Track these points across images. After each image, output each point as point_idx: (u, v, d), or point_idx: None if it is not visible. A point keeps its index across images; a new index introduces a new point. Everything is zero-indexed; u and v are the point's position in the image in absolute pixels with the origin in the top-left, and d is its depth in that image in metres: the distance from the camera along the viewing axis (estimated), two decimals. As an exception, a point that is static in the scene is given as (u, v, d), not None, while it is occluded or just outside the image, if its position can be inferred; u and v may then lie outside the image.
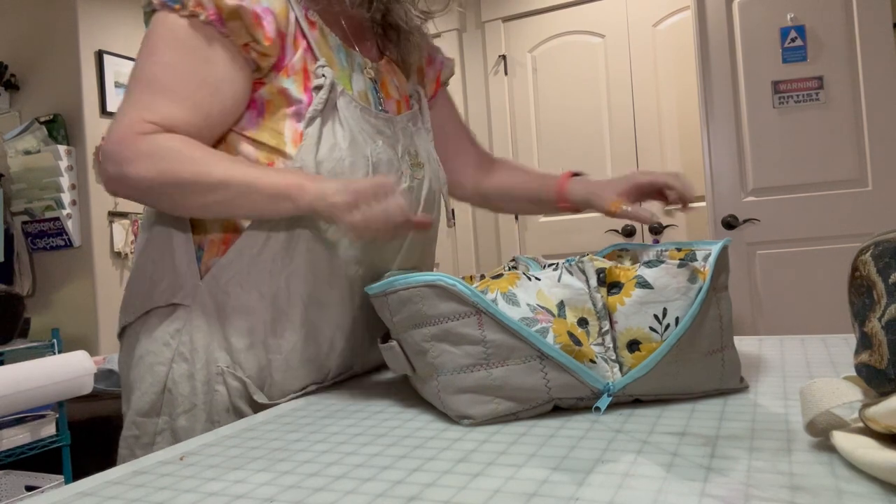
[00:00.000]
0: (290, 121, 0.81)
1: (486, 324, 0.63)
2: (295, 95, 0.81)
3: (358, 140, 0.83)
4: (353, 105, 0.85)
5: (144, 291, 0.84)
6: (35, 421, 2.31)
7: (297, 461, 0.57)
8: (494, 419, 0.64)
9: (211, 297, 0.81)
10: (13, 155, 3.00)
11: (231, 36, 0.77)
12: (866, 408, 0.46)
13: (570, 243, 3.19)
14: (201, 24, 0.76)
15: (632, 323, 0.64)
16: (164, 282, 0.82)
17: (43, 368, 2.10)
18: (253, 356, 0.81)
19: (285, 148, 0.80)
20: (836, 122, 2.41)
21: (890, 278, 0.47)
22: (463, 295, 0.64)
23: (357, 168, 0.82)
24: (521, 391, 0.63)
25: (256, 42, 0.78)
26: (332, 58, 0.86)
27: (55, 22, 3.01)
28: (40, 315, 3.01)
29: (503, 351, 0.63)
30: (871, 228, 2.35)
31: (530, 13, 3.30)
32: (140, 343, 0.83)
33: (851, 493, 0.42)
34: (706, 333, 0.66)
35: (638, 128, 3.11)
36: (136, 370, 0.83)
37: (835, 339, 0.89)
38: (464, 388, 0.65)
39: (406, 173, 0.90)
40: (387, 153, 0.87)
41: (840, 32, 2.41)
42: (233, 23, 0.77)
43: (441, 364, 0.66)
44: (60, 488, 0.55)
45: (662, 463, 0.50)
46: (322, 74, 0.82)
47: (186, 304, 0.81)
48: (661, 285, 0.64)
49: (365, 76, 0.91)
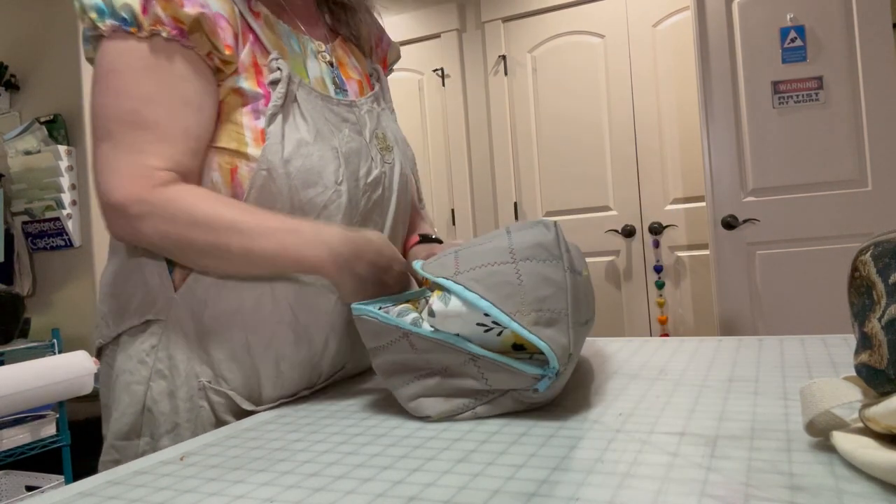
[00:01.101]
0: (248, 119, 0.77)
1: (414, 341, 0.67)
2: (249, 93, 0.77)
3: (323, 132, 0.80)
4: (313, 95, 0.82)
5: (116, 310, 0.81)
6: (35, 421, 2.31)
7: (297, 461, 0.57)
8: (454, 415, 0.67)
9: (187, 310, 0.77)
10: (13, 155, 3.00)
11: (195, 47, 0.74)
12: (866, 408, 0.46)
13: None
14: (163, 41, 0.72)
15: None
16: (136, 298, 0.79)
17: (43, 368, 2.10)
18: (237, 367, 0.78)
19: (247, 149, 0.76)
20: (836, 122, 2.41)
21: (890, 278, 0.47)
22: (386, 322, 0.68)
23: (327, 161, 0.79)
24: (464, 391, 0.66)
25: (217, 51, 0.75)
26: (282, 47, 0.83)
27: (55, 22, 3.01)
28: (40, 315, 3.01)
29: (440, 359, 0.66)
30: (870, 228, 2.35)
31: (530, 13, 3.30)
32: (116, 362, 0.80)
33: (851, 493, 0.42)
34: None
35: (638, 128, 3.11)
36: (113, 391, 0.80)
37: (835, 339, 0.89)
38: (415, 394, 0.68)
39: (376, 159, 0.87)
40: (355, 141, 0.84)
41: (840, 33, 2.41)
42: (195, 35, 0.73)
43: (393, 384, 0.70)
44: (60, 488, 0.55)
45: (662, 463, 0.50)
46: (277, 68, 0.79)
47: (161, 319, 0.78)
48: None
49: (320, 60, 0.87)
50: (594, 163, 3.18)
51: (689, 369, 0.78)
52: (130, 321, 0.79)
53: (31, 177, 2.96)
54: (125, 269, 0.81)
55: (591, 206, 3.19)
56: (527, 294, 0.63)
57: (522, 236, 0.67)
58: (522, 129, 3.32)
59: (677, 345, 0.93)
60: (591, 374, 0.80)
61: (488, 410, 0.67)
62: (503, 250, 0.66)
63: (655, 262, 3.07)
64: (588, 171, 3.19)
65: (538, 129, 3.29)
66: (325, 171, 0.79)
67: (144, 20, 0.71)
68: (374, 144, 0.88)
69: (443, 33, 3.44)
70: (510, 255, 0.65)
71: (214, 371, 0.78)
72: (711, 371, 0.77)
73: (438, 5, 3.44)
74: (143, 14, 0.71)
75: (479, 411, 0.66)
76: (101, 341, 0.82)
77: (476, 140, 3.41)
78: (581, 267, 0.75)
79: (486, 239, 0.70)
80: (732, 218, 2.50)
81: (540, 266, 0.65)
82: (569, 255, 0.68)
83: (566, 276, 0.65)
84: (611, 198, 3.16)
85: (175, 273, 0.79)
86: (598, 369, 0.82)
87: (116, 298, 0.81)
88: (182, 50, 0.74)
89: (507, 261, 0.65)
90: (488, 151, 3.38)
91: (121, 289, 0.80)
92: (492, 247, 0.67)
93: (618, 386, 0.73)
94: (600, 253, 3.17)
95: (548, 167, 3.27)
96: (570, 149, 3.22)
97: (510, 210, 3.33)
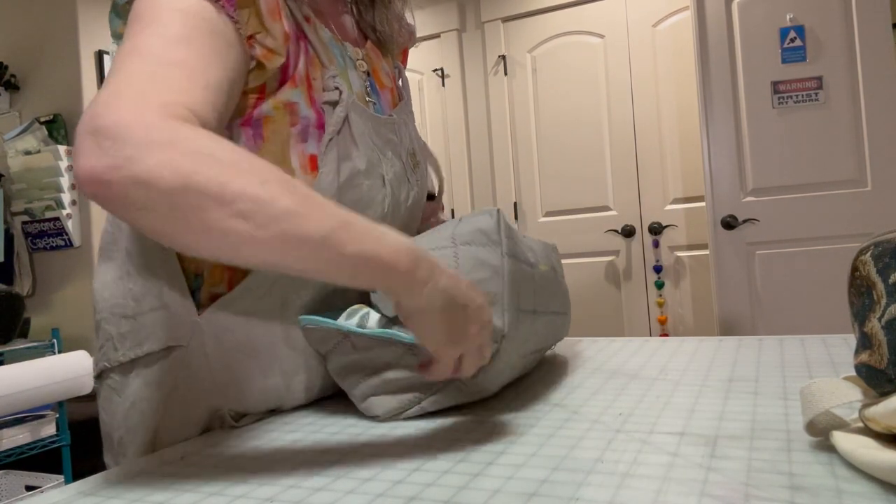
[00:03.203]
0: (296, 143, 0.68)
1: (355, 341, 0.68)
2: (303, 111, 0.68)
3: (373, 159, 0.74)
4: (364, 117, 0.74)
5: (128, 333, 0.69)
6: (35, 421, 2.31)
7: (297, 461, 0.57)
8: (402, 412, 0.68)
9: (212, 336, 0.69)
10: (13, 155, 3.00)
11: (240, 25, 0.62)
12: (866, 408, 0.46)
13: (570, 243, 3.19)
14: (207, 1, 0.61)
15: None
16: (153, 322, 0.68)
17: (43, 368, 2.10)
18: (262, 396, 0.72)
19: (294, 177, 0.64)
20: (836, 122, 2.41)
21: (890, 278, 0.47)
22: (327, 327, 0.69)
23: (376, 192, 0.73)
24: (409, 385, 0.68)
25: (268, 35, 0.64)
26: (331, 57, 0.74)
27: (55, 22, 3.01)
28: (40, 315, 3.01)
29: (381, 355, 0.68)
30: (870, 228, 2.35)
31: (530, 13, 3.30)
32: (129, 389, 0.69)
33: (851, 493, 0.42)
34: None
35: (638, 128, 3.11)
36: (127, 421, 0.69)
37: (835, 339, 0.89)
38: (365, 394, 0.69)
39: (412, 181, 0.81)
40: (397, 165, 0.78)
41: (839, 33, 2.41)
42: (245, 10, 0.63)
43: (346, 387, 0.71)
44: (60, 488, 0.55)
45: (662, 463, 0.50)
46: (335, 87, 0.70)
47: (183, 345, 0.68)
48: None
49: (359, 70, 0.79)
50: (594, 163, 3.18)
51: (689, 369, 0.78)
52: (149, 346, 0.68)
53: (30, 177, 2.96)
54: (135, 284, 0.69)
55: (591, 206, 3.19)
56: (462, 276, 0.64)
57: (466, 223, 0.69)
58: (522, 129, 3.32)
59: (677, 345, 0.93)
60: (592, 375, 0.80)
61: (435, 403, 0.68)
62: (446, 237, 0.68)
63: (655, 262, 3.07)
64: (588, 171, 3.19)
65: (538, 129, 3.29)
66: (374, 201, 0.74)
67: None
68: (408, 165, 0.82)
69: (442, 33, 3.44)
70: (451, 240, 0.68)
71: (238, 401, 0.71)
72: (711, 371, 0.77)
73: (438, 5, 3.44)
74: None
75: (426, 405, 0.68)
76: (107, 364, 0.70)
77: (476, 140, 3.41)
78: (539, 260, 0.76)
79: (440, 228, 0.72)
80: (732, 218, 2.50)
81: (478, 250, 0.67)
82: (511, 242, 0.69)
83: (504, 262, 0.67)
84: (610, 198, 3.16)
85: (202, 292, 0.70)
86: (597, 369, 0.82)
87: (129, 320, 0.69)
88: (227, 17, 0.62)
89: (447, 245, 0.67)
90: (488, 151, 3.38)
91: (134, 309, 0.69)
92: (437, 234, 0.70)
93: (618, 386, 0.73)
94: (600, 253, 3.17)
95: (547, 167, 3.26)
96: (570, 149, 3.22)
97: (510, 210, 3.33)
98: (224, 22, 0.61)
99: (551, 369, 0.85)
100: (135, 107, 0.50)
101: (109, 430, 0.72)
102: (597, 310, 3.17)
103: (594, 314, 3.17)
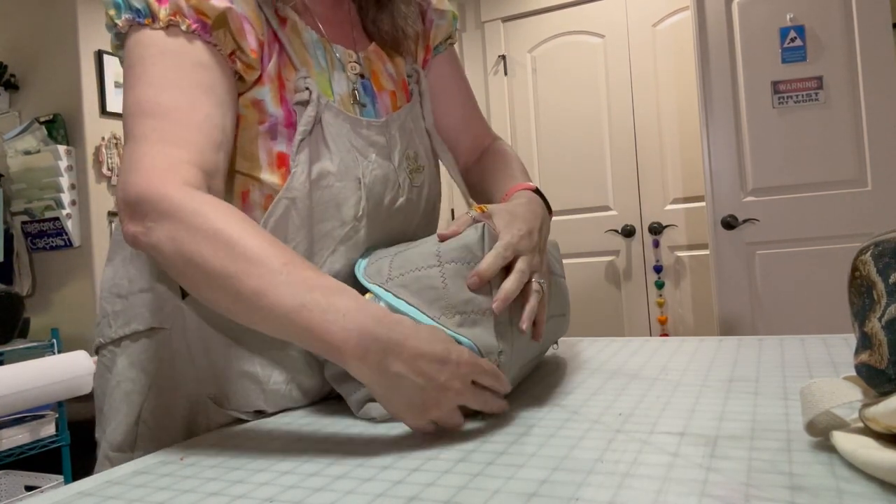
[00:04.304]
0: (264, 140, 0.72)
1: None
2: (270, 109, 0.71)
3: (347, 161, 0.74)
4: (340, 118, 0.75)
5: (120, 311, 0.76)
6: (35, 421, 2.31)
7: (297, 461, 0.57)
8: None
9: (195, 319, 0.72)
10: (13, 155, 3.00)
11: (218, 45, 0.68)
12: (866, 408, 0.46)
13: (570, 243, 3.19)
14: (182, 33, 0.67)
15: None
16: (142, 302, 0.74)
17: (43, 368, 2.10)
18: (244, 385, 0.73)
19: (260, 173, 0.71)
20: (836, 122, 2.41)
21: (890, 278, 0.47)
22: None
23: (348, 194, 0.74)
24: None
25: (242, 52, 0.69)
26: (308, 60, 0.75)
27: (55, 22, 3.00)
28: (40, 315, 3.01)
29: None
30: (870, 228, 2.35)
31: (530, 13, 3.30)
32: (116, 367, 0.75)
33: (851, 493, 0.42)
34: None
35: (638, 128, 3.11)
36: (112, 398, 0.75)
37: (835, 339, 0.89)
38: (362, 399, 0.69)
39: (404, 185, 0.80)
40: (381, 168, 0.77)
41: (839, 33, 2.41)
42: (219, 31, 0.68)
43: (344, 392, 0.71)
44: (60, 488, 0.55)
45: (662, 463, 0.50)
46: (305, 87, 0.72)
47: (166, 328, 0.73)
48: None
49: (349, 72, 0.79)
50: (594, 163, 3.18)
51: (690, 369, 0.78)
52: (135, 325, 0.75)
53: (30, 177, 2.96)
54: (132, 267, 0.76)
55: (591, 206, 3.19)
56: (451, 297, 0.64)
57: (453, 239, 0.68)
58: (522, 129, 3.32)
59: (677, 345, 0.93)
60: (592, 375, 0.80)
61: None
62: (431, 254, 0.67)
63: (655, 262, 3.07)
64: (588, 171, 3.19)
65: (538, 128, 3.29)
66: (345, 204, 0.74)
67: (161, 10, 0.66)
68: (403, 167, 0.81)
69: (442, 33, 3.44)
70: (437, 258, 0.67)
71: (220, 386, 0.73)
72: (711, 371, 0.77)
73: (438, 5, 3.44)
74: (162, 4, 0.66)
75: None
76: (102, 340, 0.78)
77: (476, 140, 3.41)
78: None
79: (423, 241, 0.72)
80: (732, 218, 2.50)
81: (464, 269, 0.66)
82: None
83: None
84: (610, 198, 3.16)
85: None
86: (598, 369, 0.82)
87: (122, 299, 0.76)
88: (203, 43, 0.68)
89: (433, 264, 0.66)
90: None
91: (126, 289, 0.76)
92: (421, 250, 0.69)
93: (618, 386, 0.73)
94: (600, 253, 3.17)
95: (547, 167, 3.26)
96: (570, 149, 3.22)
97: (510, 210, 3.33)
98: (203, 49, 0.68)
99: (551, 369, 0.85)
100: (149, 180, 0.61)
101: (102, 406, 0.78)
102: (597, 310, 3.17)
103: (594, 314, 3.17)
